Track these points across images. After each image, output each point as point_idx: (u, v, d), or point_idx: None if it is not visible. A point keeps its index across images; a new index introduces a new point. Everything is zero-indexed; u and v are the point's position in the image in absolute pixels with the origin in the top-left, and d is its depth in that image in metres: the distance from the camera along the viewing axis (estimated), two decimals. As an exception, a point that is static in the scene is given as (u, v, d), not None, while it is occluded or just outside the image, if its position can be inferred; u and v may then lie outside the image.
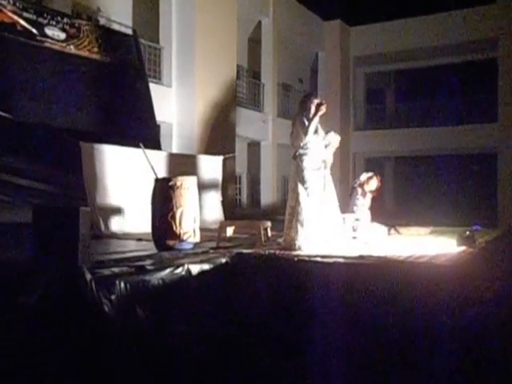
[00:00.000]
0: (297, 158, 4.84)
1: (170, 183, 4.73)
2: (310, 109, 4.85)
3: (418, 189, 17.59)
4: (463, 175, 16.55)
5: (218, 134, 10.84)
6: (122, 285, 3.46)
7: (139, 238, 5.91)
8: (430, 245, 5.16)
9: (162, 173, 7.90)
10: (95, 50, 8.71)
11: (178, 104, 10.59)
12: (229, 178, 10.81)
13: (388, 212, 14.24)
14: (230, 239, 5.59)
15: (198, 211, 4.93)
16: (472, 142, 14.95)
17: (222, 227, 5.44)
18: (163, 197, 4.73)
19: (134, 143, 7.68)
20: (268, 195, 14.00)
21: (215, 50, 10.96)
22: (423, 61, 16.92)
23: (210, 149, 10.17)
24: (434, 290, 3.74)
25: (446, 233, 6.25)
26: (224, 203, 9.10)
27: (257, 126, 13.44)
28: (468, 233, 4.75)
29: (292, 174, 4.95)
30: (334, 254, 4.36)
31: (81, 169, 6.75)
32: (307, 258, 4.26)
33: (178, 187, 4.71)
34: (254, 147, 14.67)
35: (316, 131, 4.88)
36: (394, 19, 15.88)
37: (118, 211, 6.91)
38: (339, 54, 16.42)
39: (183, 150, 10.22)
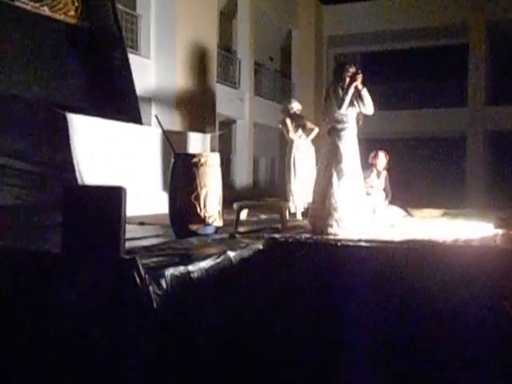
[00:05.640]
0: (332, 134, 4.45)
1: (194, 160, 4.23)
2: (344, 79, 4.47)
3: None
4: (431, 159, 16.77)
5: (199, 110, 10.24)
6: (170, 277, 3.00)
7: (141, 222, 5.36)
8: (463, 227, 4.98)
9: (147, 150, 7.33)
10: (71, 13, 7.84)
11: (157, 77, 9.89)
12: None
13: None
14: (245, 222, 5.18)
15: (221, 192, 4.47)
16: (440, 125, 15.14)
17: (239, 209, 5.00)
18: (185, 175, 4.23)
19: (113, 117, 7.03)
20: (242, 177, 13.55)
21: (196, 21, 10.28)
22: (392, 43, 16.86)
23: (190, 125, 9.58)
24: (493, 274, 3.56)
25: (459, 215, 6.14)
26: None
27: (233, 103, 12.90)
28: (505, 215, 4.62)
29: (324, 152, 4.55)
30: (377, 239, 4.06)
31: (66, 145, 6.06)
32: (352, 243, 3.93)
33: (202, 164, 4.22)
34: (226, 126, 14.11)
35: (352, 104, 4.50)
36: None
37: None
38: (313, 33, 16.05)
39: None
